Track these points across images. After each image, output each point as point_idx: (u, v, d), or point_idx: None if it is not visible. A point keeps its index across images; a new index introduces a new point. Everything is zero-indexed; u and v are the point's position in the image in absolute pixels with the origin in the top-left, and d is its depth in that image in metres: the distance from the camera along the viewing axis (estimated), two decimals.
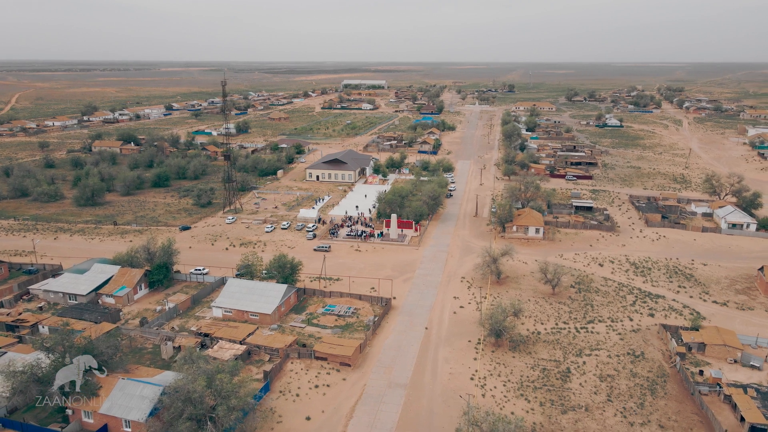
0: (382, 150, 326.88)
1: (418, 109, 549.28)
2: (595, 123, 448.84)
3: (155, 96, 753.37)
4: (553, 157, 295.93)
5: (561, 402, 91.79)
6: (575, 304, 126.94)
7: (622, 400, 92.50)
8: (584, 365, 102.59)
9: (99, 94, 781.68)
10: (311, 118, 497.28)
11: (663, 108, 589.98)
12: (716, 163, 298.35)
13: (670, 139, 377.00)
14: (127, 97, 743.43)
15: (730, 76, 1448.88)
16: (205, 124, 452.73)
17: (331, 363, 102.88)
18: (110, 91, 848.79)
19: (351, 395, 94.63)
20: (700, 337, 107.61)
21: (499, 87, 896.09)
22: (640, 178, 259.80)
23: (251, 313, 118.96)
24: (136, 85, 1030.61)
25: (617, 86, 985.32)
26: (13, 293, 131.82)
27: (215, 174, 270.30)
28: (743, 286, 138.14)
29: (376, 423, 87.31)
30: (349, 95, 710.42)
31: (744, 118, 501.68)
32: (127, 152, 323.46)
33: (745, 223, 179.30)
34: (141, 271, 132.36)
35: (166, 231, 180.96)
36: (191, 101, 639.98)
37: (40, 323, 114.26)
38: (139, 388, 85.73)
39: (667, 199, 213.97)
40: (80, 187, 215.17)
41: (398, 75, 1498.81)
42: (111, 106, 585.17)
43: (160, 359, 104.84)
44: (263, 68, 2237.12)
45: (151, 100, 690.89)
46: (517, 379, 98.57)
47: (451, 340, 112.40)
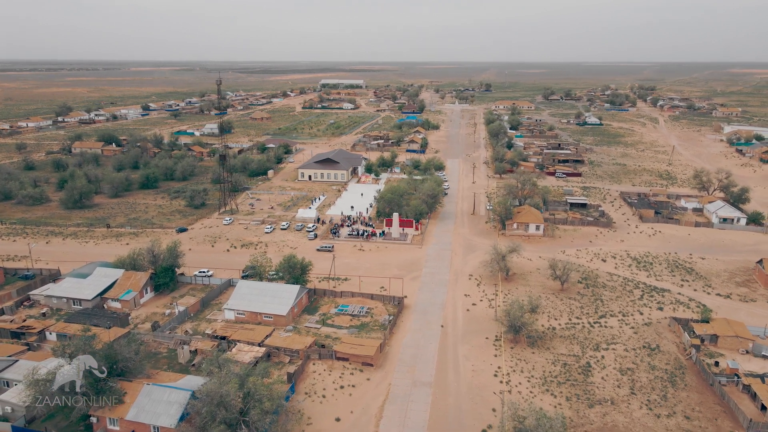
0: (370, 149, 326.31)
1: (400, 109, 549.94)
2: (576, 121, 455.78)
3: (129, 96, 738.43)
4: (540, 155, 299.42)
5: (586, 396, 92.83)
6: (585, 300, 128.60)
7: (645, 392, 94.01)
8: (603, 359, 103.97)
9: (70, 94, 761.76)
10: (293, 118, 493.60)
11: (638, 106, 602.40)
12: (697, 159, 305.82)
13: (650, 137, 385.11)
14: (100, 97, 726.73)
15: (696, 75, 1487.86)
16: (186, 124, 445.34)
17: (353, 363, 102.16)
18: (81, 91, 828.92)
19: (377, 395, 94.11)
20: (712, 329, 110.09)
21: (476, 86, 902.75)
22: (627, 175, 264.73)
23: (265, 315, 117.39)
24: (107, 85, 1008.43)
25: (590, 85, 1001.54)
26: (12, 299, 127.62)
27: (203, 175, 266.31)
28: (743, 279, 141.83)
29: (407, 422, 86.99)
30: (329, 95, 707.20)
31: (716, 116, 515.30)
32: (109, 153, 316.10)
33: (736, 217, 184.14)
34: (146, 274, 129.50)
35: (163, 233, 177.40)
36: (168, 101, 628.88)
37: (47, 330, 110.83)
38: (166, 393, 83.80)
39: (657, 195, 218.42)
40: (67, 190, 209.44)
41: (374, 74, 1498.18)
42: (85, 106, 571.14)
43: (177, 363, 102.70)
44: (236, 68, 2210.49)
45: (126, 100, 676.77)
46: (540, 374, 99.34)
47: (468, 338, 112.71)
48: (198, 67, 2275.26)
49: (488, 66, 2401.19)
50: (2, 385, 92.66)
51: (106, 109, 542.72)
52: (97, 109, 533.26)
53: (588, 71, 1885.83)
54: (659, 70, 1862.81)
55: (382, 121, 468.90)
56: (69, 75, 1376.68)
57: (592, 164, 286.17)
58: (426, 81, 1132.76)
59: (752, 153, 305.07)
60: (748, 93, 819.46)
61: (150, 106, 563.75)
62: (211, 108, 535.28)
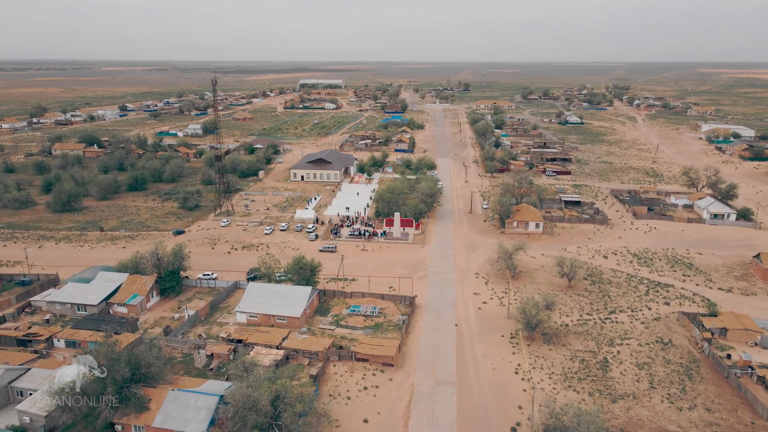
0: (358, 149, 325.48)
1: (382, 108, 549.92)
2: (557, 120, 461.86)
3: (104, 96, 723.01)
4: (528, 154, 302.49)
5: (608, 392, 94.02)
6: (593, 296, 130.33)
7: (665, 386, 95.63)
8: (619, 354, 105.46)
9: (41, 94, 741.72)
10: (276, 118, 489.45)
11: (615, 106, 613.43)
12: (679, 157, 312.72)
13: (631, 135, 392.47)
14: (74, 97, 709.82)
15: (666, 75, 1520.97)
16: (167, 125, 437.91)
17: (373, 364, 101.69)
18: (53, 91, 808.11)
19: (402, 395, 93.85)
20: (720, 322, 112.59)
21: (455, 86, 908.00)
22: (614, 173, 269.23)
23: (278, 317, 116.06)
24: (79, 85, 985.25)
25: (564, 85, 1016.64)
26: (12, 306, 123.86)
27: (192, 176, 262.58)
28: (741, 273, 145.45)
29: (435, 422, 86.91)
30: (309, 95, 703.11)
31: (691, 114, 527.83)
32: (91, 155, 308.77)
33: (726, 213, 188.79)
34: (152, 278, 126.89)
35: (159, 236, 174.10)
36: (145, 101, 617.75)
37: (54, 337, 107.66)
38: (193, 398, 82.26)
39: (647, 192, 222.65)
40: (55, 192, 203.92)
41: (350, 74, 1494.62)
42: (60, 107, 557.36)
43: (193, 368, 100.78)
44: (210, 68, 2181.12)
45: (101, 100, 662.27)
46: (560, 371, 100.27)
47: (483, 336, 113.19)
48: (171, 66, 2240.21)
49: (464, 66, 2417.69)
50: (16, 394, 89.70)
51: (82, 109, 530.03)
52: (73, 109, 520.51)
53: (561, 71, 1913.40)
54: (630, 70, 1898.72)
55: (366, 120, 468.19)
56: (37, 75, 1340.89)
57: (579, 162, 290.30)
58: (404, 81, 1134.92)
59: (732, 150, 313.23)
60: (718, 92, 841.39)
61: (127, 107, 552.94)
62: (191, 108, 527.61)
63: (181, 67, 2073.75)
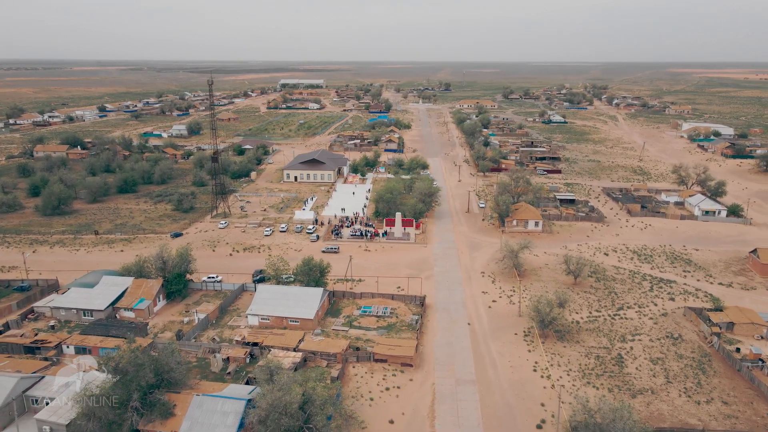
0: (348, 149, 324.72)
1: (366, 108, 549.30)
2: (541, 120, 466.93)
3: (81, 97, 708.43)
4: (516, 153, 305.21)
5: (627, 387, 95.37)
6: (599, 293, 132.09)
7: (680, 380, 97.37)
8: (632, 350, 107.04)
9: (15, 95, 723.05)
10: (260, 119, 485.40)
11: (595, 105, 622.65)
12: (664, 155, 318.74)
13: (615, 134, 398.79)
14: (49, 98, 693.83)
15: (639, 74, 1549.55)
16: (150, 126, 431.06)
17: (392, 364, 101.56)
18: (26, 91, 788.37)
19: (424, 395, 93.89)
20: (727, 317, 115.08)
21: (436, 85, 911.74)
22: (603, 171, 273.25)
23: (291, 319, 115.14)
24: (52, 85, 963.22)
25: (542, 84, 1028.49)
26: (14, 312, 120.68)
27: (182, 177, 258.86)
28: (738, 268, 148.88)
29: (461, 421, 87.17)
30: (292, 95, 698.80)
31: (669, 113, 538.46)
32: (75, 157, 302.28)
33: (717, 209, 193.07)
34: (159, 281, 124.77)
35: (157, 239, 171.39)
36: (124, 102, 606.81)
37: (63, 343, 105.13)
38: (219, 403, 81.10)
39: (638, 190, 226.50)
40: (44, 195, 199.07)
41: (329, 74, 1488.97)
42: (36, 108, 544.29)
43: (210, 372, 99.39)
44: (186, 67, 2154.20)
45: (78, 101, 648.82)
46: (577, 367, 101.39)
47: (497, 334, 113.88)
48: (145, 66, 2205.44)
49: (442, 66, 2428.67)
50: (31, 403, 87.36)
51: (59, 110, 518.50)
52: (50, 110, 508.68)
53: (538, 71, 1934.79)
54: (605, 70, 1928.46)
55: (352, 120, 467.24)
56: (7, 75, 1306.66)
57: (568, 161, 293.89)
58: (383, 80, 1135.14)
59: (714, 148, 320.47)
60: (692, 92, 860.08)
61: (106, 107, 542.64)
62: (173, 109, 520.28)
63: (157, 67, 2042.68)
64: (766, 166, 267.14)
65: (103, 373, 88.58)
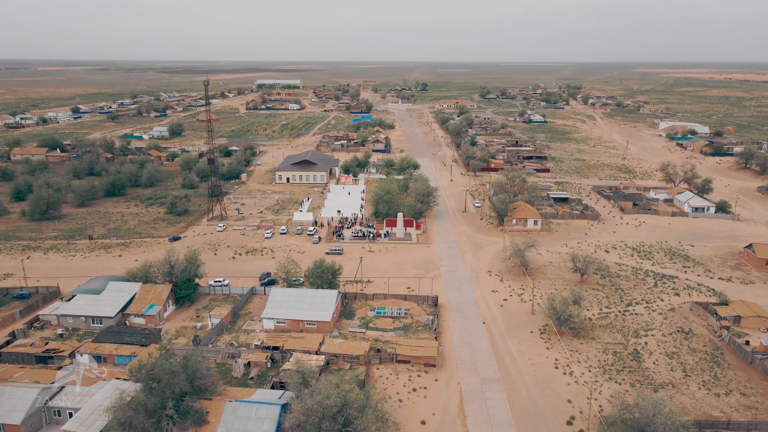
0: (335, 150, 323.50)
1: (347, 109, 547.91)
2: (522, 119, 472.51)
3: (51, 98, 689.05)
4: (503, 153, 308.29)
5: (648, 382, 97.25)
6: (607, 290, 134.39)
7: (697, 374, 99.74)
8: (647, 345, 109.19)
9: None
10: (241, 119, 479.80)
11: (571, 104, 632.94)
12: (645, 153, 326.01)
13: (595, 133, 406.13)
14: (17, 99, 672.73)
15: (609, 75, 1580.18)
16: (128, 127, 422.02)
17: (415, 365, 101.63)
18: None
19: (451, 395, 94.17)
20: (734, 310, 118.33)
21: (412, 85, 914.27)
22: (590, 170, 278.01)
23: (307, 322, 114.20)
24: (19, 85, 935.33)
25: (516, 84, 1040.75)
26: (17, 321, 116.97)
27: (169, 180, 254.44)
28: (734, 263, 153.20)
29: (493, 420, 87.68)
30: (270, 95, 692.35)
31: (644, 113, 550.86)
32: (55, 160, 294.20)
33: (706, 206, 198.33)
34: (168, 286, 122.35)
35: (154, 243, 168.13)
36: (98, 103, 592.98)
37: (77, 351, 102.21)
38: (254, 408, 80.00)
39: (627, 188, 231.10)
40: (32, 200, 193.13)
41: (304, 74, 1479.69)
42: (6, 109, 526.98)
43: (232, 378, 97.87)
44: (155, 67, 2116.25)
45: (48, 102, 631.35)
46: (596, 363, 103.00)
47: (513, 332, 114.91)
48: (113, 66, 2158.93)
49: (415, 66, 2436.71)
50: (53, 414, 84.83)
51: (31, 111, 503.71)
52: (22, 112, 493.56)
53: (510, 71, 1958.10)
54: (575, 70, 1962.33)
55: (335, 121, 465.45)
56: None
57: (554, 160, 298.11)
58: (359, 80, 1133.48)
59: (693, 147, 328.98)
60: (662, 91, 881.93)
61: (80, 108, 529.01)
62: (150, 110, 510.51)
63: (125, 67, 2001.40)
64: (745, 163, 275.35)
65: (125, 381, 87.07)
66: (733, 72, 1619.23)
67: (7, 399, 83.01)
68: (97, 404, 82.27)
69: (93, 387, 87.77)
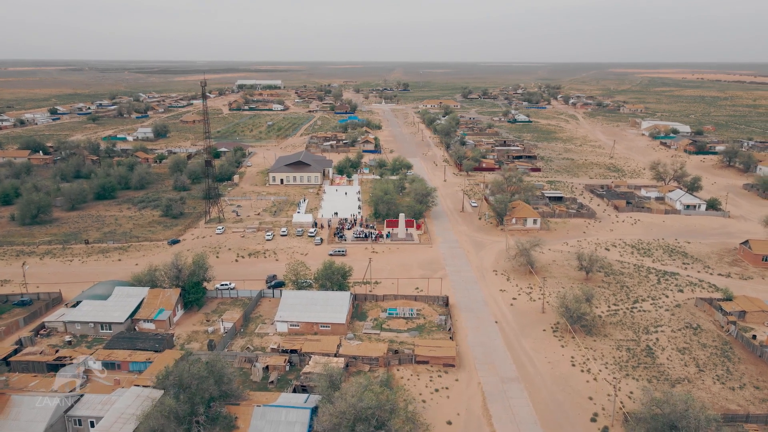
0: (324, 150, 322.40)
1: (332, 109, 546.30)
2: (506, 119, 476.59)
3: (25, 99, 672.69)
4: (493, 152, 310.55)
5: (664, 377, 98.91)
6: (612, 287, 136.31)
7: (711, 368, 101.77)
8: (658, 342, 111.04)
9: None
10: (225, 120, 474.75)
11: (553, 104, 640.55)
12: (631, 152, 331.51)
13: (579, 133, 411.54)
14: None
15: (584, 75, 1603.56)
16: (110, 129, 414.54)
17: (434, 365, 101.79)
18: None
19: (473, 395, 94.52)
20: (738, 306, 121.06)
21: (394, 85, 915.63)
22: (579, 169, 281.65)
23: (321, 324, 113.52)
24: None
25: (496, 84, 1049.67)
26: (21, 328, 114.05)
27: (160, 182, 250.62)
28: (731, 259, 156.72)
29: (518, 419, 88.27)
30: (252, 96, 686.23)
31: (624, 112, 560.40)
32: (38, 162, 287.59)
33: (697, 204, 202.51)
34: (176, 291, 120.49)
35: (153, 246, 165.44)
36: (76, 104, 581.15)
37: (89, 359, 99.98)
38: (283, 413, 79.30)
39: (619, 186, 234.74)
40: (22, 204, 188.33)
41: (282, 75, 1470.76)
42: None
43: (251, 382, 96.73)
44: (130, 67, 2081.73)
45: (23, 103, 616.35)
46: (612, 360, 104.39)
47: (525, 331, 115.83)
48: (86, 66, 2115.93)
49: (394, 65, 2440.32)
50: (74, 424, 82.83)
51: (8, 113, 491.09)
52: None
53: (488, 71, 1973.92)
54: (551, 70, 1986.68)
55: (321, 122, 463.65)
56: None
57: (544, 159, 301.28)
58: (339, 81, 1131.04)
59: (677, 145, 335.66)
60: (638, 91, 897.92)
61: (58, 110, 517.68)
62: (131, 111, 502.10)
63: (99, 67, 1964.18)
64: (728, 161, 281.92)
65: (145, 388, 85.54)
66: (704, 72, 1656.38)
67: (26, 409, 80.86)
68: (120, 412, 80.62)
69: (113, 395, 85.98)
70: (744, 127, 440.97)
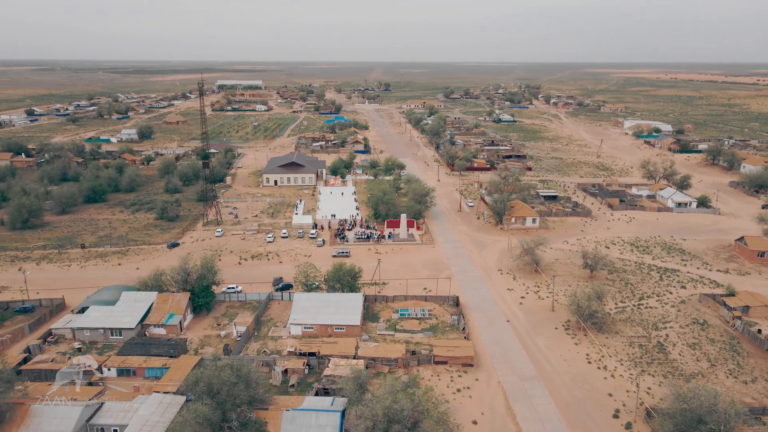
0: (314, 151, 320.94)
1: (316, 109, 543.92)
2: (491, 119, 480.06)
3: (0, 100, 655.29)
4: (483, 152, 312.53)
5: (679, 373, 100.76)
6: (617, 285, 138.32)
7: (722, 363, 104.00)
8: (668, 338, 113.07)
9: None
10: (209, 121, 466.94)
11: (535, 104, 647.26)
12: (616, 151, 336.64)
13: (564, 132, 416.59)
14: None
15: (560, 75, 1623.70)
16: (91, 130, 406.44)
17: (453, 365, 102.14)
18: None
19: (494, 394, 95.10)
20: (742, 301, 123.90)
21: (375, 85, 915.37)
22: (569, 168, 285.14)
23: (336, 327, 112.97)
24: None
25: (476, 84, 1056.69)
26: (27, 336, 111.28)
27: (150, 184, 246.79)
28: (727, 255, 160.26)
29: (542, 417, 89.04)
30: (234, 96, 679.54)
31: (605, 111, 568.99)
32: (21, 165, 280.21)
33: (688, 201, 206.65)
34: (186, 295, 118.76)
35: (152, 250, 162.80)
36: (53, 105, 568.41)
37: (104, 366, 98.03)
38: (312, 417, 78.83)
39: (610, 185, 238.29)
40: (12, 208, 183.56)
41: (261, 75, 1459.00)
42: None
43: (270, 386, 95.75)
44: (104, 67, 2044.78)
45: None
46: (626, 357, 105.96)
47: (538, 330, 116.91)
48: (58, 66, 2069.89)
49: (373, 66, 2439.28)
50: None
51: None
52: None
53: (465, 70, 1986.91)
54: (527, 70, 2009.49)
55: (307, 122, 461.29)
56: None
57: (533, 159, 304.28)
58: (319, 81, 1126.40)
59: (661, 144, 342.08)
60: (616, 91, 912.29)
61: (35, 111, 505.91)
62: (112, 112, 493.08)
63: (72, 67, 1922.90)
64: (713, 159, 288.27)
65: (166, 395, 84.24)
66: (677, 72, 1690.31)
67: (48, 419, 79.00)
68: (144, 420, 79.18)
69: (134, 402, 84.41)
70: (722, 126, 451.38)
